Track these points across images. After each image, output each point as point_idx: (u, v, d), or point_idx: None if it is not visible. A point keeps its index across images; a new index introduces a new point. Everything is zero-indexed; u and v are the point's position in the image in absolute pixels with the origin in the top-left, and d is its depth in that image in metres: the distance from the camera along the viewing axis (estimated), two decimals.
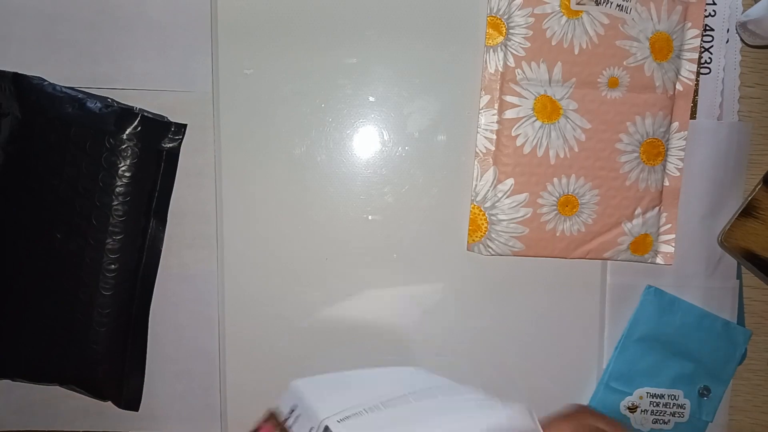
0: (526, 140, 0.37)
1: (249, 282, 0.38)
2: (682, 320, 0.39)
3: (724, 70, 0.38)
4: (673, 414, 0.40)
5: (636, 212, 0.38)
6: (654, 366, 0.40)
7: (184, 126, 0.37)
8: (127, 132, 0.36)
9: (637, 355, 0.39)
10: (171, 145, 0.37)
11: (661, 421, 0.41)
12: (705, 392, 0.40)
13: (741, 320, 0.40)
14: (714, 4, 0.38)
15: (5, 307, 0.37)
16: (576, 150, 0.37)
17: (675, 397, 0.40)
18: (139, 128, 0.36)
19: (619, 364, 0.40)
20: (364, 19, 0.37)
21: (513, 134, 0.37)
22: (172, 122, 0.37)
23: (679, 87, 0.38)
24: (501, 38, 0.37)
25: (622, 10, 0.36)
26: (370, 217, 0.38)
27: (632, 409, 0.40)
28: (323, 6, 0.37)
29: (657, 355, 0.39)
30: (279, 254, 0.38)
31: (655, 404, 0.40)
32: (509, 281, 0.39)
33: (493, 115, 0.37)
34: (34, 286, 0.37)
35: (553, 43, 0.36)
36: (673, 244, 0.39)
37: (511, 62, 0.36)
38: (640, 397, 0.40)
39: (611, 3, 0.36)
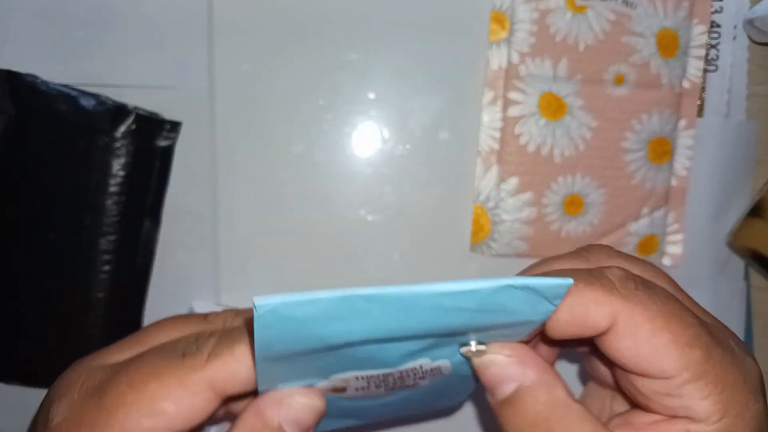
0: (530, 138, 0.36)
1: (245, 282, 0.38)
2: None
3: (731, 67, 0.38)
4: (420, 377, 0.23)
5: (642, 212, 0.37)
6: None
7: (179, 124, 0.36)
8: (121, 130, 0.35)
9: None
10: (166, 143, 0.36)
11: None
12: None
13: (748, 323, 0.40)
14: (721, 0, 0.37)
15: None
16: (581, 148, 0.36)
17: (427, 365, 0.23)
18: (134, 126, 0.35)
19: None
20: (364, 14, 0.36)
21: (517, 132, 0.36)
22: (166, 120, 0.36)
23: (686, 84, 0.37)
24: (504, 34, 0.36)
25: (627, 5, 0.36)
26: (369, 218, 0.38)
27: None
28: (322, 1, 0.36)
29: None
30: (276, 255, 0.37)
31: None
32: None
33: (497, 112, 0.37)
34: (26, 288, 0.36)
35: (558, 39, 0.36)
36: (681, 245, 0.38)
37: (515, 59, 0.36)
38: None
39: None
